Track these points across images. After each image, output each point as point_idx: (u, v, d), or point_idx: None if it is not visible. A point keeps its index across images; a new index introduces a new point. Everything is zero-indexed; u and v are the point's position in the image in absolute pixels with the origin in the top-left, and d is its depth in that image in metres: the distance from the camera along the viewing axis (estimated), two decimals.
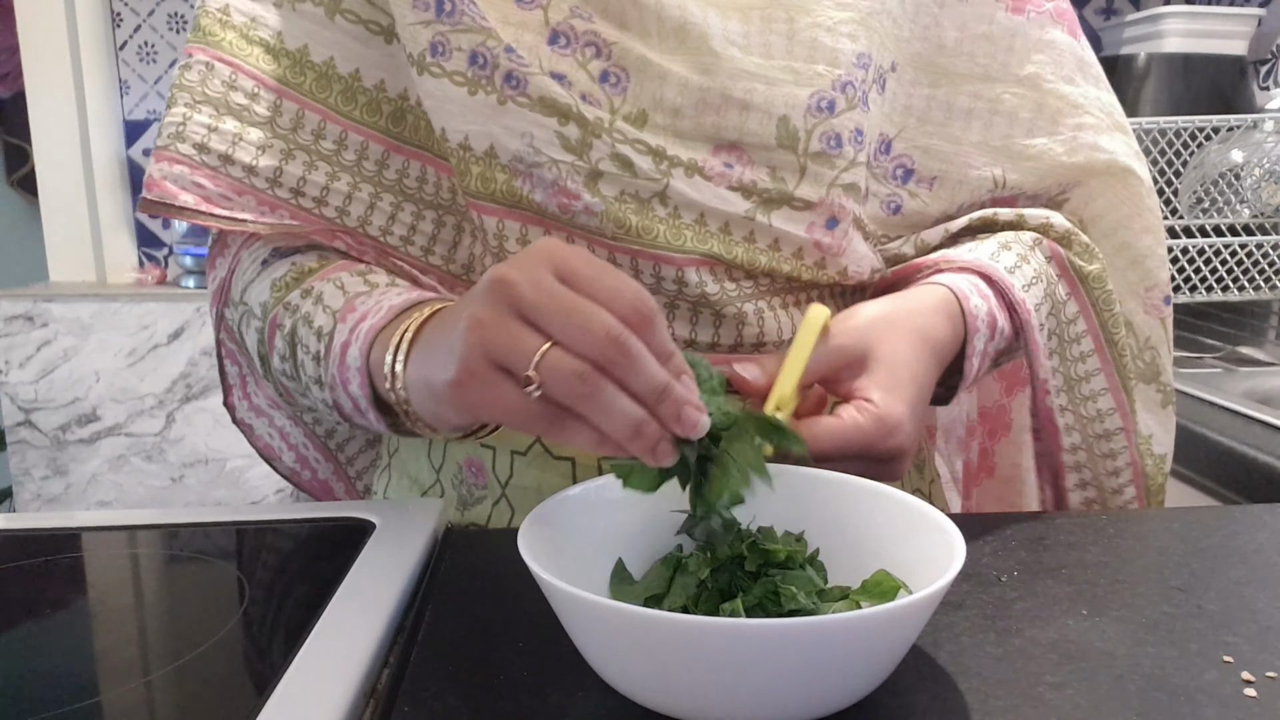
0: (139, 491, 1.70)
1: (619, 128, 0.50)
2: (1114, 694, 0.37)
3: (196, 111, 0.53)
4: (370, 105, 0.53)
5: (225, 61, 0.53)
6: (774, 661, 0.32)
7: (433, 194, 0.55)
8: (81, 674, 0.40)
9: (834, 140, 0.51)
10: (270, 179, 0.53)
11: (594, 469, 0.55)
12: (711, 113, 0.50)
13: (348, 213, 0.54)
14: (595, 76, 0.49)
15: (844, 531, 0.44)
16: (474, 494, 0.57)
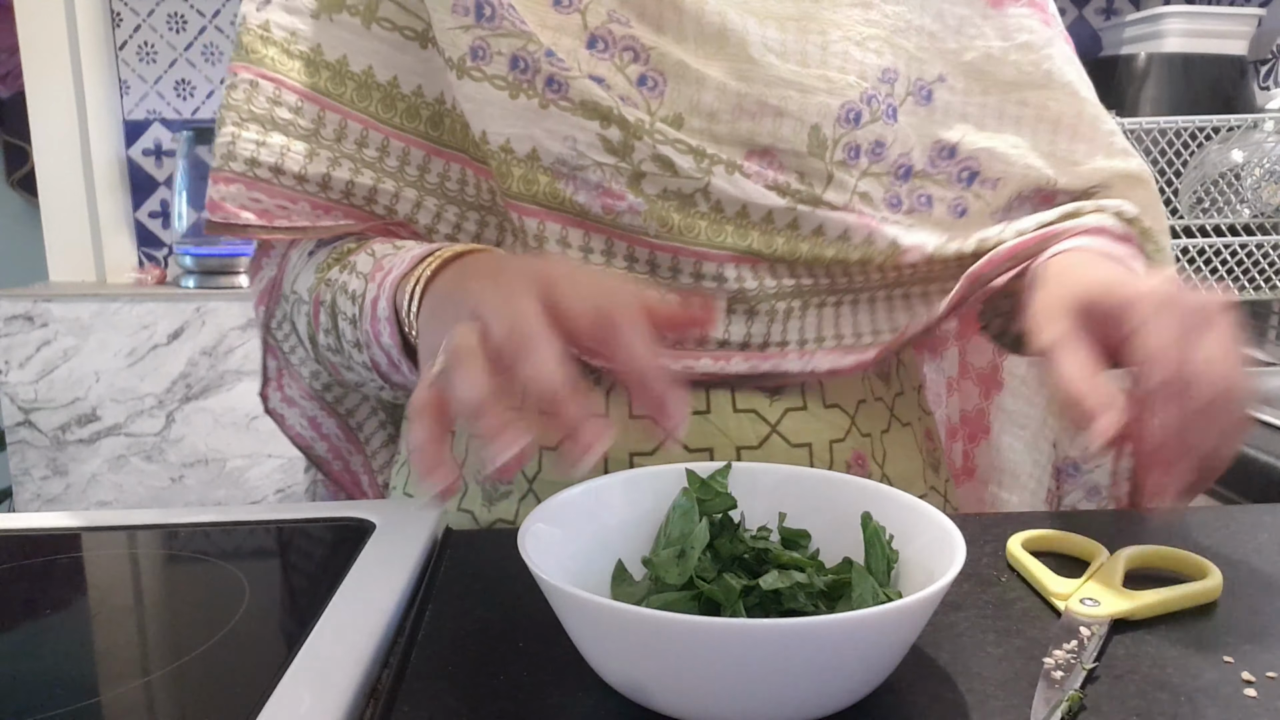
0: (139, 491, 1.70)
1: (659, 129, 0.50)
2: (1113, 694, 0.37)
3: (244, 129, 0.54)
4: (409, 111, 0.54)
5: (268, 78, 0.54)
6: (774, 661, 0.32)
7: (474, 196, 0.56)
8: (81, 674, 0.40)
9: (853, 151, 0.53)
10: (320, 184, 0.54)
11: (625, 463, 0.54)
12: (747, 118, 0.51)
13: (395, 212, 0.56)
14: (633, 80, 0.50)
15: (844, 531, 0.44)
16: (499, 489, 0.57)
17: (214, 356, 1.66)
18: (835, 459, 0.56)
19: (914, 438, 0.62)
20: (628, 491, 0.46)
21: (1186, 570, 0.47)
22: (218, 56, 1.81)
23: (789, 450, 0.55)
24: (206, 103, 1.83)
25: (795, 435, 0.55)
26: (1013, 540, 0.50)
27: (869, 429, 0.58)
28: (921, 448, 0.63)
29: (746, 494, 0.47)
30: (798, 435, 0.55)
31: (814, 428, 0.56)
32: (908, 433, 0.62)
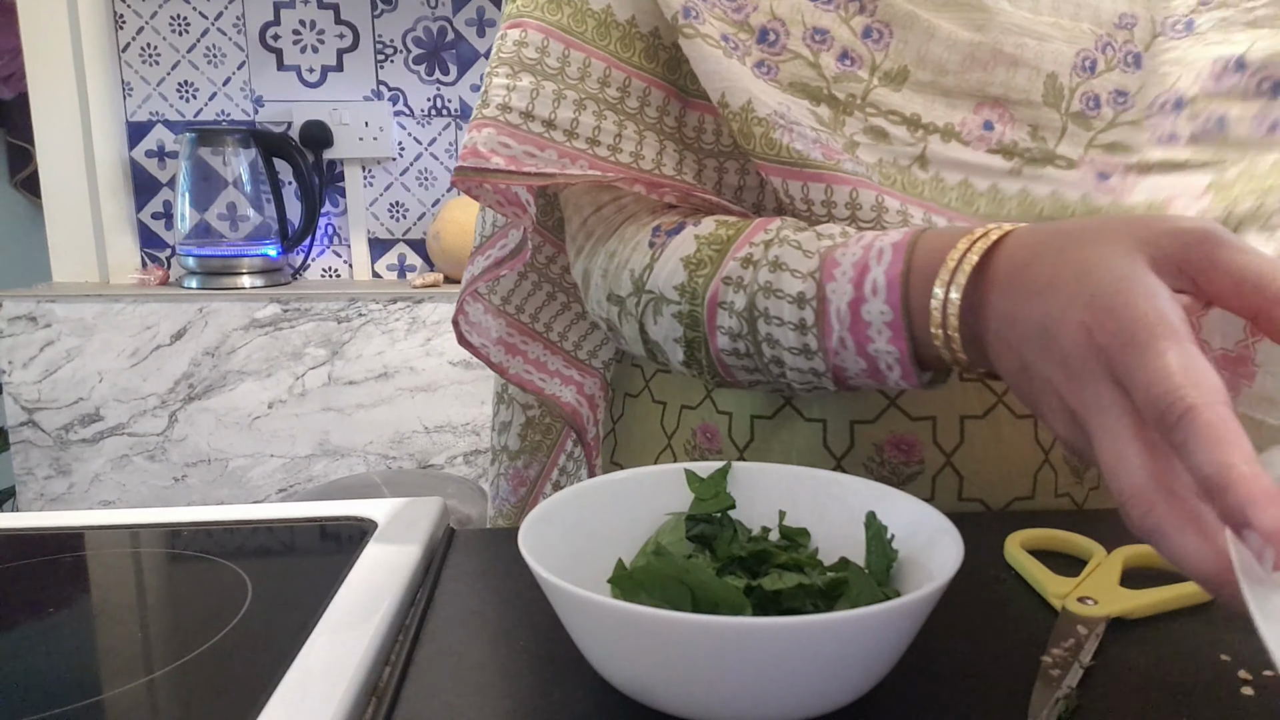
0: (142, 491, 1.70)
1: (873, 99, 0.49)
2: (1111, 692, 0.37)
3: (497, 75, 0.53)
4: (647, 51, 0.53)
5: (516, 25, 0.53)
6: (774, 660, 0.32)
7: (712, 142, 0.54)
8: (84, 673, 0.40)
9: (1093, 101, 0.50)
10: (567, 131, 0.52)
11: (845, 431, 0.51)
12: (979, 69, 0.49)
13: (642, 156, 0.53)
14: (858, 32, 0.49)
15: (844, 531, 0.45)
16: (707, 458, 0.55)
17: (216, 357, 1.67)
18: None
19: None
20: (627, 491, 0.46)
21: None
22: (220, 58, 1.81)
23: (1014, 421, 0.51)
24: (209, 104, 1.83)
25: (1021, 406, 0.51)
26: (1011, 539, 0.50)
27: None
28: None
29: (746, 494, 0.47)
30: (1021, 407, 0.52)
31: None
32: None
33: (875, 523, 0.42)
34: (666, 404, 0.59)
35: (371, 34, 1.80)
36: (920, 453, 0.52)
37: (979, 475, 0.52)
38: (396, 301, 1.65)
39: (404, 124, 1.83)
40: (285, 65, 1.82)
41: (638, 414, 0.61)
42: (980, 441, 0.52)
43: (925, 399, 0.52)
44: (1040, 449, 0.53)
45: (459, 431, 1.68)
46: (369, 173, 1.85)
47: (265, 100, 1.83)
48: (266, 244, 1.77)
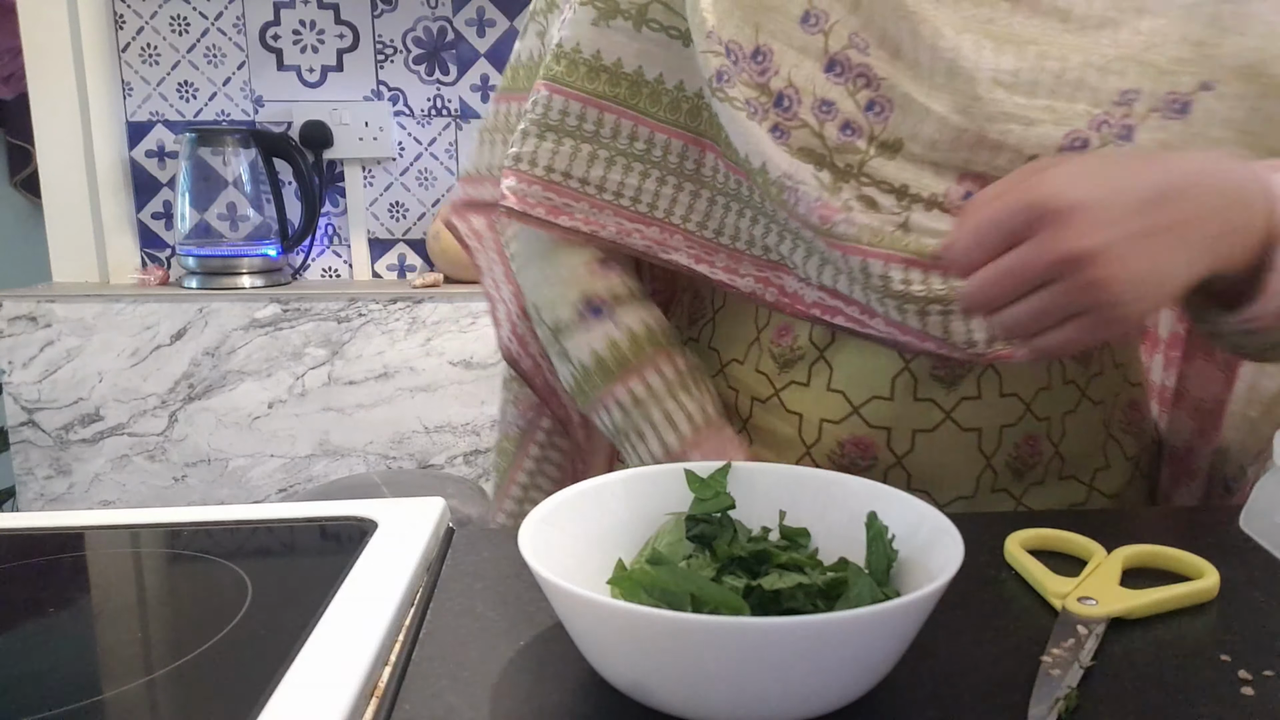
0: (142, 491, 1.70)
1: (868, 169, 0.54)
2: (1111, 692, 0.37)
3: (544, 140, 0.61)
4: (672, 104, 0.59)
5: (558, 92, 0.60)
6: (774, 660, 0.33)
7: (723, 184, 0.61)
8: (84, 673, 0.40)
9: None
10: (598, 186, 0.61)
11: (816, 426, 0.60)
12: (964, 149, 0.53)
13: (657, 206, 0.62)
14: (862, 105, 0.54)
15: (844, 531, 0.45)
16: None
17: (216, 357, 1.67)
18: (1004, 441, 0.59)
19: (1103, 414, 0.62)
20: (628, 491, 0.46)
21: (1184, 569, 0.47)
22: (220, 59, 1.81)
23: (959, 433, 0.59)
24: (209, 104, 1.83)
25: (966, 421, 0.59)
26: (1011, 539, 0.50)
27: (1047, 412, 0.60)
28: (1110, 421, 0.63)
29: (746, 494, 0.47)
30: (969, 421, 0.59)
31: (986, 414, 0.59)
32: (1097, 410, 0.62)
33: (876, 523, 0.42)
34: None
35: (371, 34, 1.80)
36: (875, 452, 0.60)
37: (925, 474, 0.60)
38: (396, 301, 1.65)
39: (404, 124, 1.83)
40: (285, 65, 1.82)
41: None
42: (928, 451, 0.59)
43: (882, 411, 0.59)
44: (983, 456, 0.59)
45: (459, 431, 1.68)
46: (369, 173, 1.85)
47: (265, 100, 1.83)
48: (266, 244, 1.77)
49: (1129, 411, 0.64)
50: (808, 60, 0.54)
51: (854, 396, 0.59)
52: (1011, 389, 0.59)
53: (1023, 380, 0.59)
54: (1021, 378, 0.59)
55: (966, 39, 0.52)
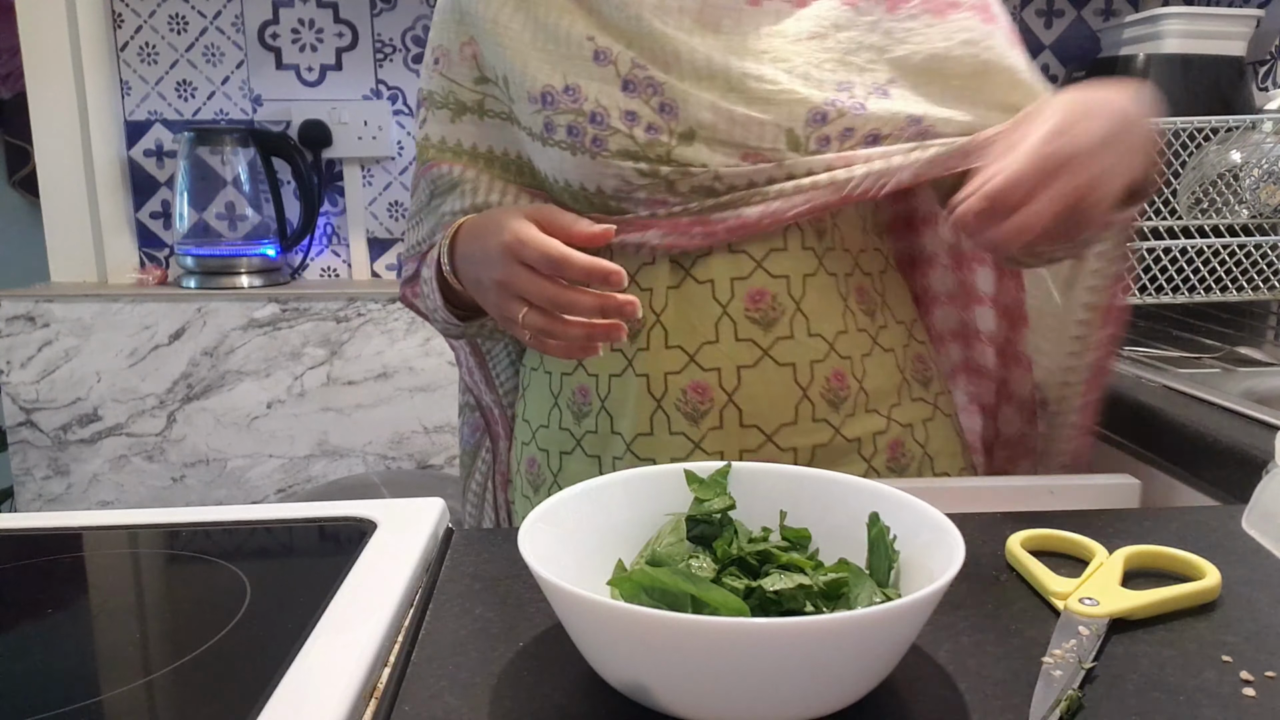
0: (140, 491, 1.70)
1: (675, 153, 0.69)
2: (1112, 693, 0.37)
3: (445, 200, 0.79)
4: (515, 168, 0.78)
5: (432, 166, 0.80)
6: (774, 661, 0.32)
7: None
8: (82, 673, 0.40)
9: (824, 141, 0.69)
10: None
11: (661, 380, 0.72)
12: (739, 128, 0.69)
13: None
14: (656, 109, 0.70)
15: (844, 531, 0.45)
16: (583, 409, 0.77)
17: (215, 357, 1.66)
18: (816, 375, 0.71)
19: (895, 360, 0.76)
20: (628, 491, 0.46)
21: (1185, 570, 0.47)
22: (219, 58, 1.81)
23: (778, 368, 0.71)
24: (207, 104, 1.83)
25: (783, 357, 0.71)
26: (1012, 539, 0.50)
27: (849, 352, 0.73)
28: (904, 368, 0.76)
29: (746, 494, 0.47)
30: (785, 357, 0.71)
31: (798, 351, 0.71)
32: (889, 356, 0.75)
33: (878, 524, 0.42)
34: (552, 373, 0.79)
35: (370, 33, 1.80)
36: (710, 394, 0.72)
37: (752, 408, 0.70)
38: (395, 301, 1.65)
39: (403, 123, 1.82)
40: (284, 64, 1.81)
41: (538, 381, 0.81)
42: (751, 384, 0.71)
43: (712, 355, 0.71)
44: (799, 387, 0.71)
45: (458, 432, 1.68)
46: (368, 172, 1.85)
47: (264, 99, 1.83)
48: (265, 244, 1.77)
49: (916, 363, 0.78)
50: (607, 85, 0.70)
51: (688, 347, 0.71)
52: (816, 330, 0.71)
53: (824, 323, 0.72)
54: (823, 320, 0.72)
55: (715, 51, 0.69)
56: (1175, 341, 1.17)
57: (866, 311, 0.75)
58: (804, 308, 0.71)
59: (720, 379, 0.71)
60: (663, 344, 0.72)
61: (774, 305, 0.71)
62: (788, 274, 0.71)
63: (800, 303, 0.71)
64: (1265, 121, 1.21)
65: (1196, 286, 1.24)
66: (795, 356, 0.71)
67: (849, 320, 0.74)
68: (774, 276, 0.71)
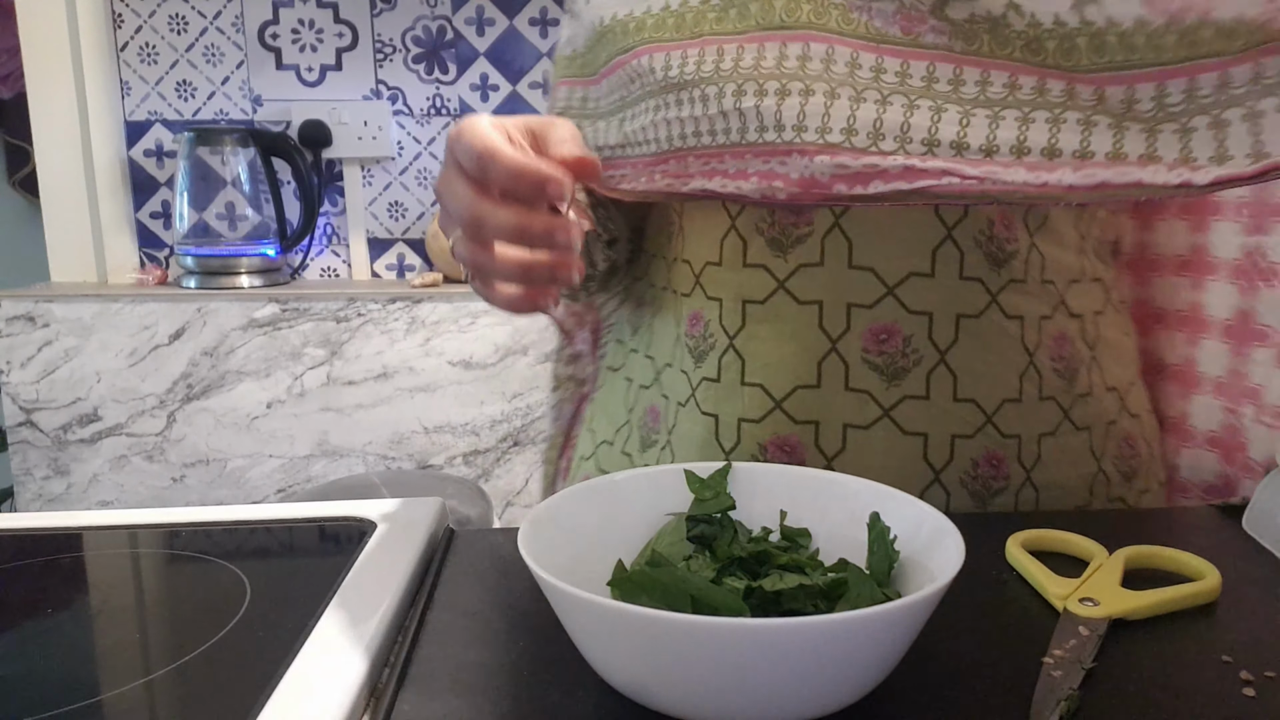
0: (140, 491, 1.70)
1: None
2: (1112, 692, 0.37)
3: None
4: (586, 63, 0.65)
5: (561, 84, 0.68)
6: (774, 661, 0.32)
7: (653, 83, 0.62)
8: (82, 673, 0.40)
9: None
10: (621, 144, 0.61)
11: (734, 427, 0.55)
12: None
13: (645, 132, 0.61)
14: None
15: (844, 531, 0.45)
16: (650, 437, 0.61)
17: (215, 357, 1.66)
18: (957, 455, 0.53)
19: (1091, 442, 0.56)
20: (627, 491, 0.46)
21: (1185, 570, 0.47)
22: (219, 58, 1.81)
23: (901, 436, 0.53)
24: (207, 104, 1.83)
25: (910, 424, 0.53)
26: (1012, 540, 0.50)
27: (1015, 430, 0.54)
28: (1103, 452, 0.57)
29: (747, 494, 0.47)
30: (913, 424, 0.53)
31: (934, 418, 0.53)
32: (1082, 437, 0.56)
33: (879, 524, 0.42)
34: (631, 381, 0.65)
35: (370, 33, 1.80)
36: (802, 454, 0.54)
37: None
38: (395, 301, 1.65)
39: (403, 123, 1.82)
40: (284, 64, 1.81)
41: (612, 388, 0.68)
42: (861, 454, 0.53)
43: (806, 405, 0.54)
44: (930, 469, 0.53)
45: (458, 432, 1.68)
46: (368, 172, 1.85)
47: (264, 99, 1.83)
48: (265, 244, 1.77)
49: (1124, 446, 0.58)
50: None
51: (774, 388, 0.53)
52: (968, 394, 0.53)
53: (982, 385, 0.53)
54: (980, 381, 0.53)
55: None
56: None
57: (1062, 373, 0.55)
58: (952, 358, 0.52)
59: (817, 437, 0.53)
60: (738, 378, 0.54)
61: (905, 349, 0.53)
62: (931, 310, 0.52)
63: (947, 352, 0.52)
64: None
65: None
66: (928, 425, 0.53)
67: (1033, 383, 0.54)
68: (911, 312, 0.52)
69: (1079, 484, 0.56)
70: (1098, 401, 0.56)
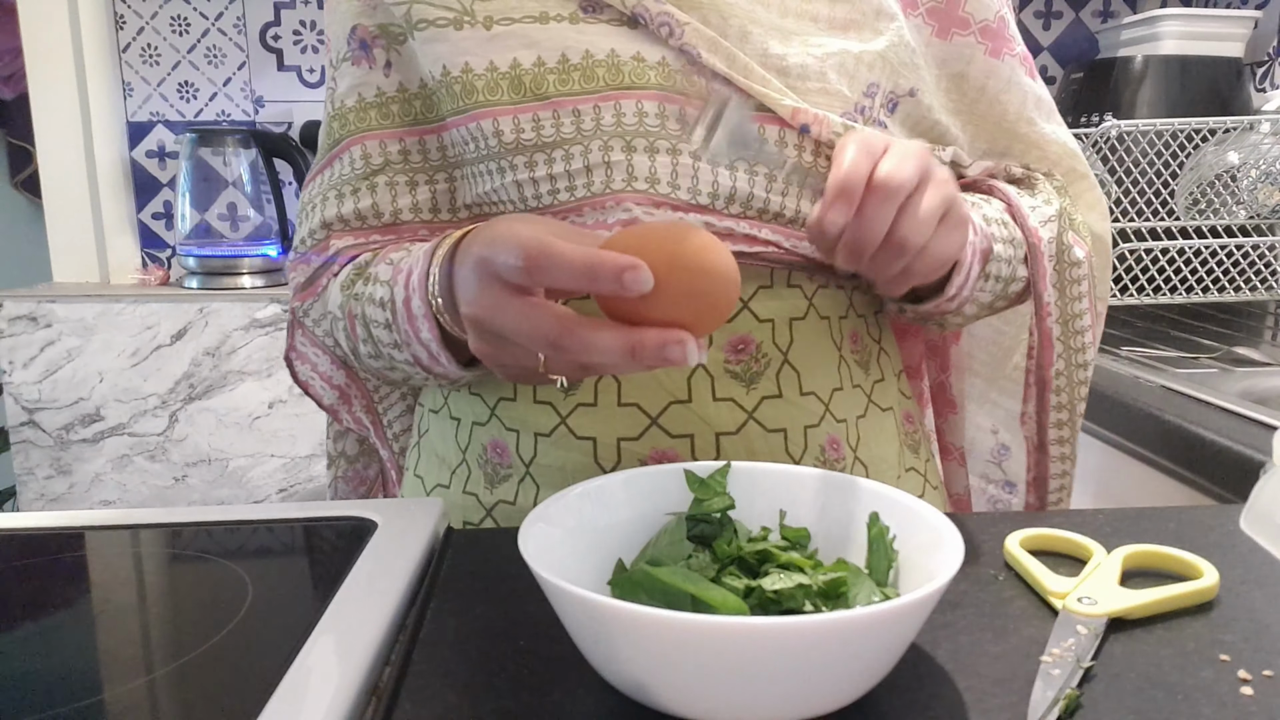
0: (142, 491, 1.70)
1: None
2: (1110, 692, 0.37)
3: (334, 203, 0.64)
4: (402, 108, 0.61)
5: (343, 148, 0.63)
6: (774, 660, 0.33)
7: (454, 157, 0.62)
8: (85, 672, 0.40)
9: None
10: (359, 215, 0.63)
11: (613, 448, 0.57)
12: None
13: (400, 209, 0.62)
14: None
15: (844, 531, 0.45)
16: (500, 472, 0.61)
17: (217, 357, 1.67)
18: (810, 443, 0.59)
19: (892, 422, 0.65)
20: (627, 491, 0.47)
21: (1183, 570, 0.47)
22: (220, 59, 1.81)
23: (765, 435, 0.58)
24: (209, 105, 1.83)
25: (771, 422, 0.59)
26: (1010, 539, 0.50)
27: (844, 414, 0.61)
28: (899, 431, 0.66)
29: (746, 494, 0.47)
30: (774, 421, 0.59)
31: (789, 414, 0.59)
32: (886, 417, 0.65)
33: (878, 523, 0.42)
34: (460, 420, 0.64)
35: None
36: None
37: None
38: None
39: None
40: (285, 65, 1.82)
41: (440, 429, 0.66)
42: (733, 454, 0.58)
43: (681, 420, 0.58)
44: (790, 458, 0.59)
45: None
46: None
47: (265, 100, 1.83)
48: (267, 244, 1.77)
49: (905, 424, 0.67)
50: None
51: (649, 406, 0.57)
52: (810, 387, 0.60)
53: (818, 378, 0.60)
54: (816, 376, 0.60)
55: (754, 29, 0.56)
56: (1173, 342, 1.17)
57: (861, 363, 0.64)
58: (792, 357, 0.59)
59: (693, 448, 0.57)
60: (615, 400, 0.57)
61: (757, 355, 0.58)
62: (773, 316, 0.59)
63: (788, 352, 0.59)
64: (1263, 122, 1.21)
65: (1194, 287, 1.24)
66: (786, 421, 0.59)
67: (845, 374, 0.62)
68: (760, 320, 0.58)
69: (891, 457, 0.64)
70: (886, 386, 0.66)
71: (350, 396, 0.73)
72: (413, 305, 0.52)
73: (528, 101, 0.55)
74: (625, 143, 0.55)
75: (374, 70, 0.61)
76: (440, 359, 0.53)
